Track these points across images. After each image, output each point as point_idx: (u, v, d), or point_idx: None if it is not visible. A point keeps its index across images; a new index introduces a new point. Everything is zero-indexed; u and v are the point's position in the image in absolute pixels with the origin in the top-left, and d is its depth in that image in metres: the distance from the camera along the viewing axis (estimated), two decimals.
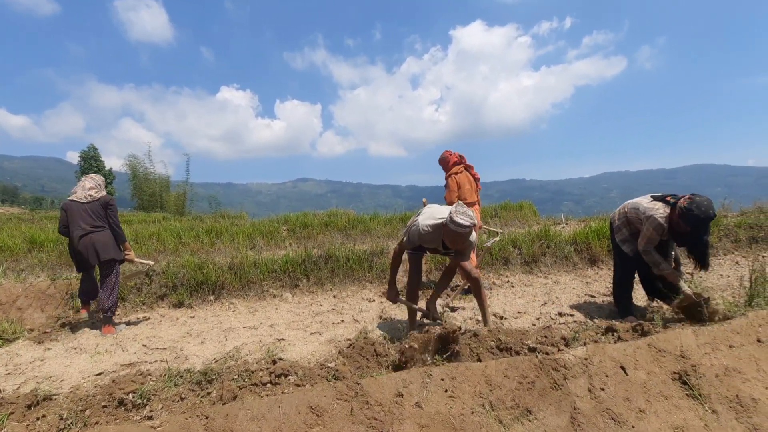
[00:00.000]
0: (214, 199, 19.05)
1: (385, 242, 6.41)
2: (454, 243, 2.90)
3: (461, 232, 2.77)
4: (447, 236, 2.88)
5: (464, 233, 2.78)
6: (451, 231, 2.79)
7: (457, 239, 2.83)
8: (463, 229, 2.75)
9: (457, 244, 2.90)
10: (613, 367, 2.32)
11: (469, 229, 2.77)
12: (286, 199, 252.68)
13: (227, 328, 3.86)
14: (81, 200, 3.95)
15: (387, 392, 2.05)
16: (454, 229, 2.77)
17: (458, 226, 2.75)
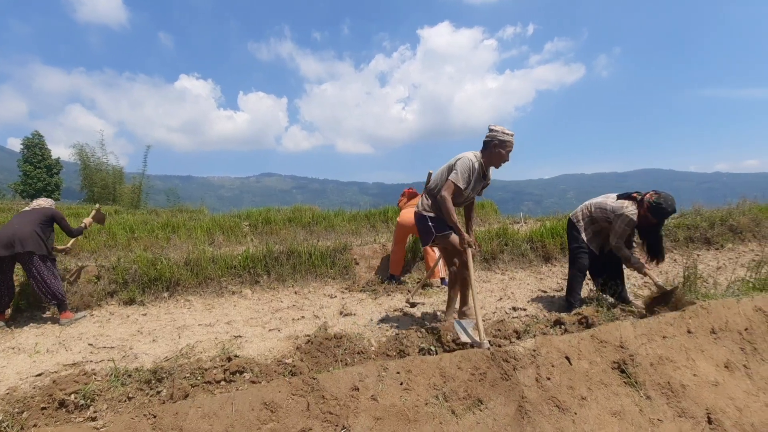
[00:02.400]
0: (172, 193, 18.23)
1: (349, 239, 6.41)
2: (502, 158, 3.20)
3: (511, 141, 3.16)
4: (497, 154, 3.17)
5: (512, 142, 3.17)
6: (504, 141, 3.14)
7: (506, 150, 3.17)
8: (512, 137, 3.16)
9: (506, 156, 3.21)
10: (559, 357, 2.44)
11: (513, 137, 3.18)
12: (250, 194, 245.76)
13: (181, 325, 3.73)
14: (26, 209, 4.23)
15: (343, 386, 2.06)
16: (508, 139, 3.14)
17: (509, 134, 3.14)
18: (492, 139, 3.15)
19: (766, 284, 3.43)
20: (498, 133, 3.14)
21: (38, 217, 4.06)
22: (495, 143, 3.15)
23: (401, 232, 4.85)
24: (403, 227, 4.80)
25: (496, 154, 3.17)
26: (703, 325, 2.87)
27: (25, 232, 3.86)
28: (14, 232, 3.82)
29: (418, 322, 3.63)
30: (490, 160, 3.22)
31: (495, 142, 3.15)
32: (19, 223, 3.93)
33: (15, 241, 3.78)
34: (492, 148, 3.17)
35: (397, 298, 4.39)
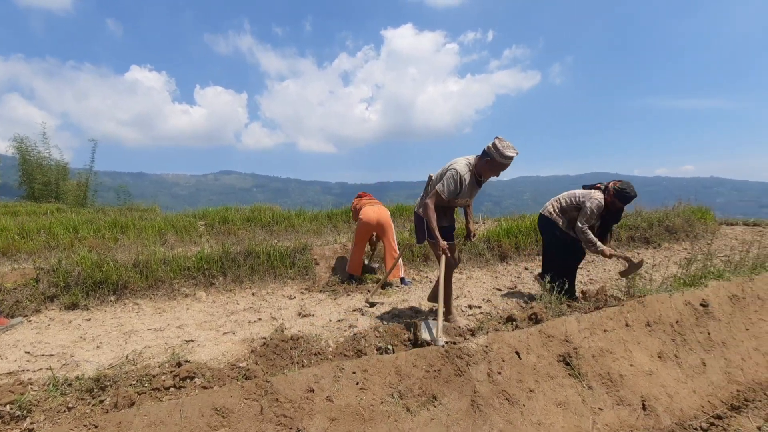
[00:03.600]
0: (122, 190, 17.18)
1: (310, 239, 6.34)
2: (495, 173, 3.14)
3: (507, 164, 3.08)
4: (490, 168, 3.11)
5: (508, 164, 3.09)
6: (499, 162, 3.05)
7: (500, 169, 3.11)
8: (509, 160, 3.07)
9: (497, 173, 3.15)
10: (510, 352, 2.55)
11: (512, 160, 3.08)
12: (207, 192, 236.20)
13: (129, 330, 3.55)
14: None
15: (298, 388, 2.05)
16: (502, 162, 3.04)
17: (507, 158, 3.04)
18: (490, 153, 3.06)
19: (695, 280, 3.74)
20: (496, 153, 3.03)
21: None
22: (489, 159, 3.08)
23: (364, 231, 4.79)
24: (366, 225, 4.74)
25: (487, 168, 3.12)
26: (640, 318, 3.09)
27: None
28: None
29: (377, 321, 3.65)
30: (482, 171, 3.17)
31: (489, 157, 3.07)
32: None
33: None
34: (486, 161, 3.10)
35: (357, 298, 4.39)
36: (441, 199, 3.19)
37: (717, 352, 3.22)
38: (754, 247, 5.89)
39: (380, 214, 4.78)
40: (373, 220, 4.70)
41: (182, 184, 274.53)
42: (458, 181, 3.13)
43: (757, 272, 4.10)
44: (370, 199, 5.22)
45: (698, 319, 3.32)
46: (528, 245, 6.18)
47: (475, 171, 3.19)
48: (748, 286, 3.81)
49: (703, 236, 7.36)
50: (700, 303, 3.43)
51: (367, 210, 4.81)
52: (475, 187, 3.28)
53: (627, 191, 3.71)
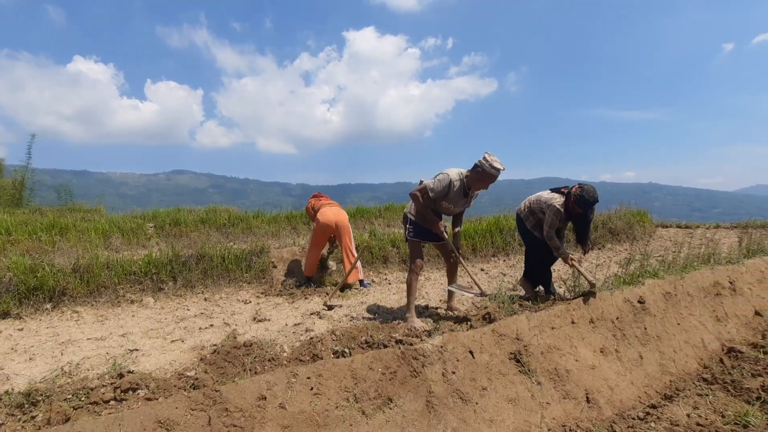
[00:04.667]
0: (64, 189, 15.93)
1: (268, 241, 6.19)
2: (484, 185, 3.44)
3: (496, 175, 3.36)
4: (480, 179, 3.38)
5: (497, 176, 3.38)
6: (489, 174, 3.32)
7: (489, 181, 3.40)
8: (499, 172, 3.35)
9: (487, 185, 3.46)
10: (464, 352, 2.61)
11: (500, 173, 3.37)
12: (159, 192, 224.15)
13: (66, 340, 3.29)
14: None
15: (249, 397, 1.98)
16: (492, 172, 3.32)
17: (496, 169, 3.32)
18: (480, 165, 3.35)
19: (633, 279, 4.00)
20: (486, 164, 3.32)
21: None
22: (479, 171, 3.36)
23: (321, 232, 4.71)
24: (324, 227, 4.67)
25: (477, 180, 3.40)
26: (584, 315, 3.27)
27: None
28: None
29: (335, 324, 3.62)
30: (472, 183, 3.45)
31: (480, 169, 3.36)
32: None
33: None
34: (476, 173, 3.38)
35: (315, 301, 4.33)
36: (427, 195, 3.51)
37: (652, 345, 3.47)
38: (685, 248, 6.40)
39: (338, 216, 4.73)
40: (332, 222, 4.66)
41: (131, 183, 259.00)
42: (447, 184, 3.44)
43: (687, 271, 4.46)
44: (328, 200, 5.16)
45: (636, 315, 3.56)
46: (484, 247, 6.36)
47: (466, 182, 3.47)
48: (680, 284, 4.13)
49: (641, 238, 7.92)
50: (638, 300, 3.67)
51: (325, 211, 4.74)
52: (461, 198, 3.55)
53: (584, 197, 3.76)
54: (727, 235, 8.54)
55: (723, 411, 2.74)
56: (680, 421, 2.57)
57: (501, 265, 6.15)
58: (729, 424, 2.51)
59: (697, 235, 8.28)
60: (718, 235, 8.21)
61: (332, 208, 4.81)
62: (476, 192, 3.64)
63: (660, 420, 2.62)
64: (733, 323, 3.99)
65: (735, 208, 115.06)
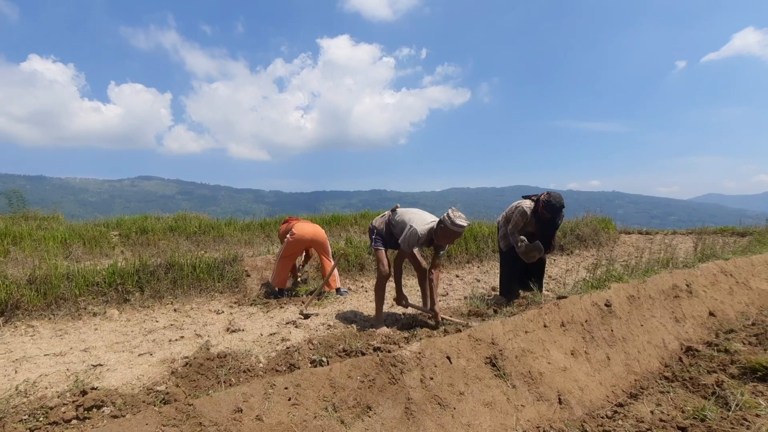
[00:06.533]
0: (16, 195, 15.00)
1: (241, 249, 6.05)
2: (449, 240, 3.44)
3: (460, 232, 3.35)
4: (444, 236, 3.37)
5: (461, 232, 3.36)
6: (452, 231, 3.31)
7: (454, 237, 3.39)
8: (462, 229, 3.33)
9: (452, 241, 3.46)
10: (441, 357, 2.63)
11: (464, 229, 3.36)
12: (123, 199, 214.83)
13: (20, 357, 3.08)
14: None
15: (224, 409, 1.92)
16: (455, 230, 3.31)
17: (459, 227, 3.30)
18: (443, 222, 3.36)
19: (600, 283, 4.17)
20: (449, 221, 3.31)
21: None
22: (442, 227, 3.36)
23: (296, 245, 4.65)
24: (299, 240, 4.62)
25: (442, 236, 3.40)
26: (556, 319, 3.37)
27: None
28: None
29: (311, 333, 3.56)
30: (438, 237, 3.44)
31: (442, 225, 3.36)
32: None
33: None
34: (440, 229, 3.39)
35: (291, 310, 4.25)
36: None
37: (618, 346, 3.61)
38: (646, 253, 6.74)
39: (316, 230, 4.73)
40: (308, 235, 4.62)
41: (92, 189, 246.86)
42: (416, 239, 3.47)
43: (648, 275, 4.68)
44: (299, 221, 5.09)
45: (603, 317, 3.70)
46: (459, 254, 6.46)
47: (433, 233, 3.47)
48: (642, 287, 4.33)
49: (606, 243, 8.26)
50: (605, 303, 3.83)
51: (303, 225, 4.71)
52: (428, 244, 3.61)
53: (551, 202, 4.00)
54: (683, 240, 9.05)
55: (683, 407, 2.89)
56: (645, 418, 2.68)
57: (475, 271, 6.26)
58: (688, 418, 2.64)
59: (656, 240, 8.73)
60: (675, 240, 8.69)
61: (309, 223, 4.79)
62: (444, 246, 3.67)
63: (627, 418, 2.73)
64: (690, 323, 4.22)
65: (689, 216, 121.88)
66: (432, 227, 3.50)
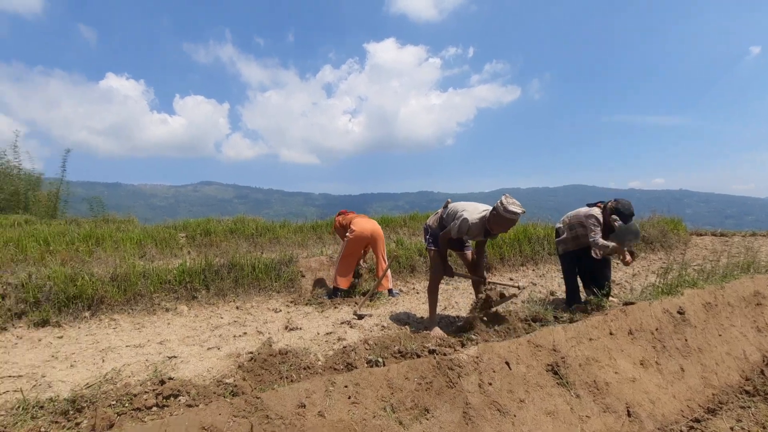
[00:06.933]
0: (96, 201, 16.63)
1: (295, 250, 6.27)
2: (503, 228, 3.31)
3: (515, 219, 3.21)
4: (498, 223, 3.25)
5: (516, 219, 3.23)
6: (506, 218, 3.18)
7: (508, 224, 3.26)
8: (517, 216, 3.19)
9: (506, 229, 3.34)
10: (500, 363, 2.57)
11: (519, 216, 3.22)
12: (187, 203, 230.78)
13: (106, 347, 3.40)
14: None
15: (289, 404, 2.00)
16: (509, 217, 3.16)
17: (513, 213, 3.16)
18: (496, 208, 3.24)
19: (671, 289, 3.87)
20: (501, 208, 3.18)
21: None
22: (494, 214, 3.25)
23: (357, 243, 4.71)
24: (360, 237, 4.68)
25: (495, 223, 3.28)
26: (623, 327, 3.17)
27: None
28: None
29: (366, 334, 3.62)
30: (491, 225, 3.32)
31: (495, 213, 3.24)
32: None
33: None
34: (492, 216, 3.28)
35: (345, 310, 4.35)
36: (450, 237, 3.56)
37: (694, 357, 3.33)
38: (724, 257, 6.15)
39: (374, 226, 4.81)
40: (368, 232, 4.69)
41: (160, 195, 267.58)
42: (466, 228, 3.37)
43: (727, 280, 4.28)
44: (356, 214, 5.19)
45: (676, 326, 3.43)
46: (512, 256, 6.27)
47: (487, 224, 3.35)
48: (720, 294, 3.96)
49: (676, 246, 7.64)
50: (677, 311, 3.54)
51: (361, 222, 4.76)
52: (481, 234, 3.48)
53: (621, 210, 3.78)
54: (765, 243, 8.15)
55: (765, 423, 2.63)
56: None
57: (530, 274, 6.04)
58: None
59: (734, 243, 7.94)
60: (756, 243, 7.85)
61: (367, 219, 4.87)
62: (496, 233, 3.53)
63: None
64: None
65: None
66: (485, 216, 3.38)
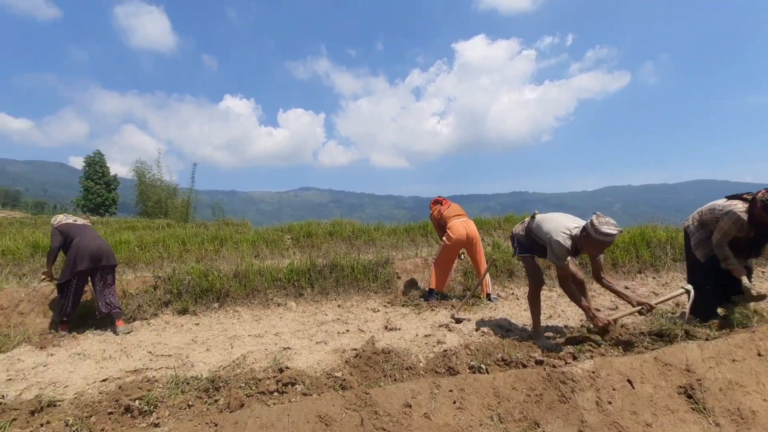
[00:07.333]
0: (217, 207, 19.15)
1: (390, 252, 6.44)
2: (596, 250, 2.99)
3: (609, 241, 2.86)
4: (589, 245, 2.94)
5: (611, 241, 2.88)
6: (597, 240, 2.86)
7: (602, 246, 2.93)
8: (611, 237, 2.84)
9: (600, 251, 3.01)
10: (620, 380, 2.33)
11: (615, 237, 2.86)
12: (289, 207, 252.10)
13: (232, 335, 3.87)
14: (77, 223, 4.49)
15: (395, 402, 2.06)
16: (601, 239, 2.84)
17: (606, 235, 2.83)
18: (586, 229, 2.95)
19: None
20: (591, 229, 2.87)
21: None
22: (584, 235, 2.96)
23: (454, 248, 4.68)
24: (456, 243, 4.65)
25: (585, 244, 2.99)
26: None
27: (106, 246, 4.24)
28: (99, 246, 4.17)
29: (466, 338, 3.56)
30: (582, 246, 3.03)
31: (585, 234, 2.96)
32: (97, 237, 4.30)
33: (102, 255, 4.13)
34: (582, 237, 2.99)
35: (442, 313, 4.34)
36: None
37: None
38: None
39: (469, 229, 4.70)
40: (464, 236, 4.63)
41: (267, 200, 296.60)
42: (562, 249, 3.08)
43: None
44: (452, 207, 5.05)
45: None
46: (627, 262, 5.63)
47: (578, 243, 3.06)
48: None
49: None
50: None
51: (456, 226, 4.69)
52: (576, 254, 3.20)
53: None
54: None
55: None
56: None
57: (650, 282, 5.35)
58: None
59: None
60: None
61: (461, 221, 4.76)
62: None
63: None
64: None
65: None
66: (575, 236, 3.06)
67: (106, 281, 4.20)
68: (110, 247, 4.33)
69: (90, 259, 4.08)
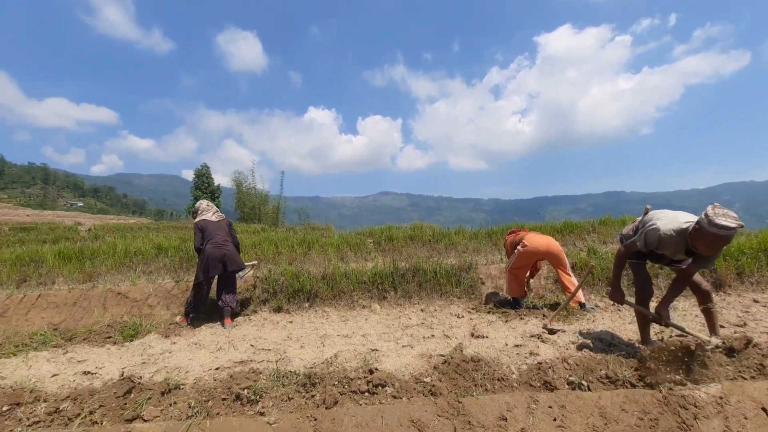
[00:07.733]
0: (303, 212, 20.51)
1: (472, 257, 6.28)
2: (710, 247, 2.60)
3: (725, 235, 2.48)
4: (702, 240, 2.59)
5: (728, 236, 2.50)
6: (711, 234, 2.51)
7: (717, 243, 2.54)
8: (728, 231, 2.47)
9: (715, 249, 2.61)
10: (754, 408, 1.99)
11: (734, 232, 2.49)
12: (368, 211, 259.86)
13: (323, 334, 4.07)
14: (213, 220, 4.82)
15: (489, 414, 1.99)
16: (716, 232, 2.49)
17: (722, 228, 2.47)
18: (699, 222, 2.61)
19: None
20: (705, 221, 2.54)
21: (228, 229, 4.83)
22: (696, 228, 2.63)
23: (528, 257, 4.54)
24: (532, 252, 4.51)
25: (698, 240, 2.62)
26: None
27: (232, 250, 4.66)
28: (225, 253, 4.58)
29: (562, 351, 3.32)
30: (694, 242, 2.67)
31: (697, 227, 2.62)
32: (224, 241, 4.67)
33: (227, 262, 4.59)
34: (695, 231, 2.64)
35: (532, 322, 4.10)
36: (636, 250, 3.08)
37: None
38: None
39: (549, 242, 4.54)
40: (543, 247, 4.47)
41: (348, 205, 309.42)
42: (656, 240, 2.83)
43: None
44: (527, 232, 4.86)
45: None
46: (757, 270, 4.81)
47: (689, 240, 2.72)
48: None
49: None
50: None
51: (534, 238, 4.57)
52: (681, 253, 2.87)
53: None
54: None
55: None
56: None
57: None
58: None
59: None
60: None
61: (541, 234, 4.59)
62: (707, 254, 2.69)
63: None
64: None
65: None
66: (686, 229, 2.70)
67: (229, 282, 4.69)
68: (235, 252, 4.75)
69: (220, 266, 4.56)
